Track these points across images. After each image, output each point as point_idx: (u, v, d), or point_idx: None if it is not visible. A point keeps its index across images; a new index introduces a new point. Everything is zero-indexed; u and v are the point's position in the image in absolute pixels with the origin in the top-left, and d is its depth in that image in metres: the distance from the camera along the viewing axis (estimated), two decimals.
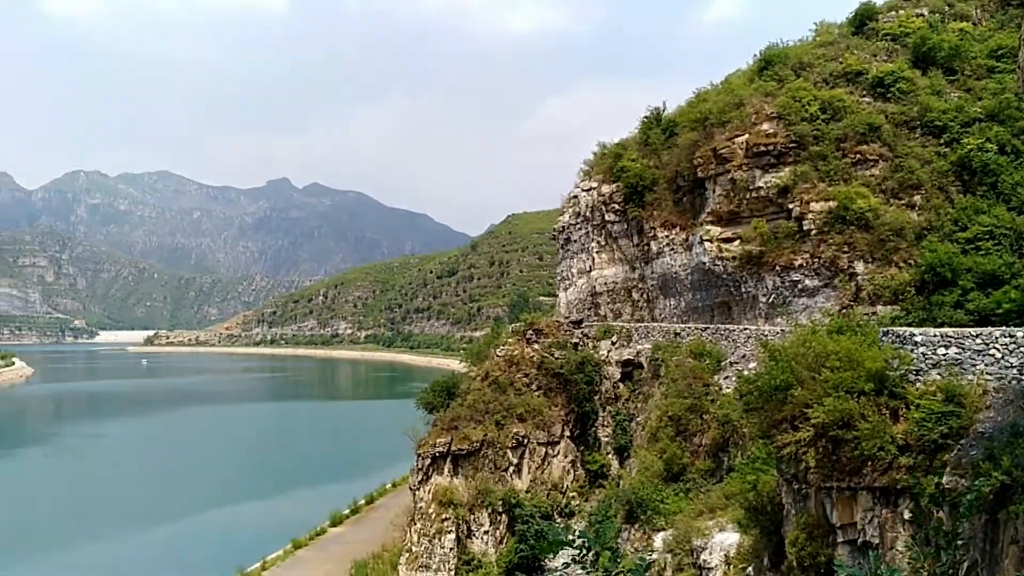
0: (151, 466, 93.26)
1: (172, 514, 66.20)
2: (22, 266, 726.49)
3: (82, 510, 70.35)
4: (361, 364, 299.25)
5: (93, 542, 58.87)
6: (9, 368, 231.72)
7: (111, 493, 77.58)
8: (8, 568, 53.14)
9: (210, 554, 54.17)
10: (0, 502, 74.35)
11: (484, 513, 36.78)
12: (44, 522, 66.87)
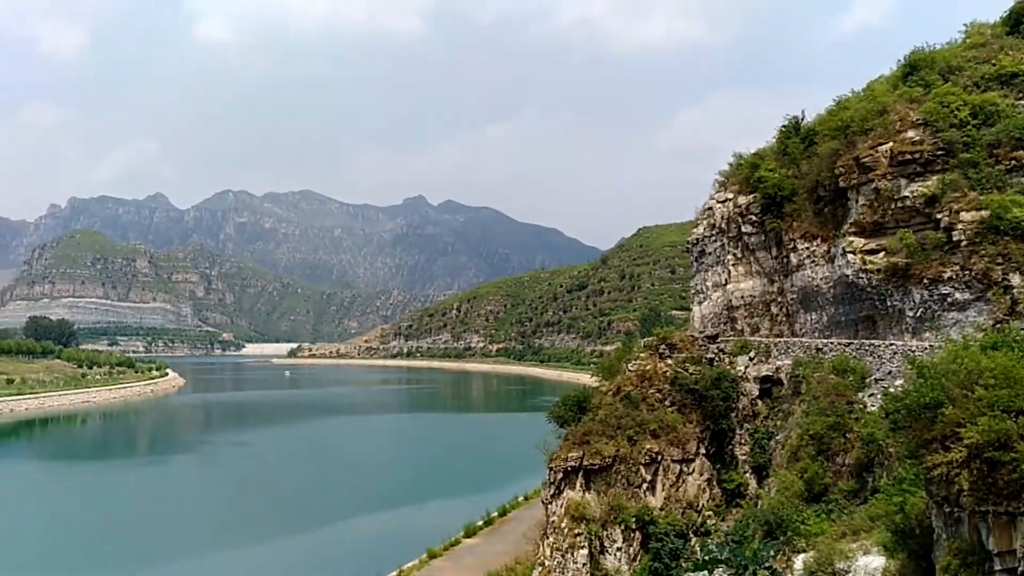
0: (292, 475, 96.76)
1: (312, 521, 68.40)
2: (175, 282, 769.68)
3: (226, 516, 73.60)
4: (492, 377, 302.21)
5: (234, 547, 61.44)
6: (163, 379, 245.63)
7: (253, 500, 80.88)
8: (157, 568, 56.18)
9: (348, 561, 55.71)
10: (153, 506, 78.80)
11: (617, 529, 36.41)
12: (190, 526, 70.39)
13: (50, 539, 65.65)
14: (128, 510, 76.50)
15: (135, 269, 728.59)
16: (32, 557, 59.41)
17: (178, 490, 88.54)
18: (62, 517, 75.07)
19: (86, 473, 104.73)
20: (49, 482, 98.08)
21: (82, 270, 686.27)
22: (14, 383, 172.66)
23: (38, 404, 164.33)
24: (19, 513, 76.99)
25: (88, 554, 60.85)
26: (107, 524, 70.66)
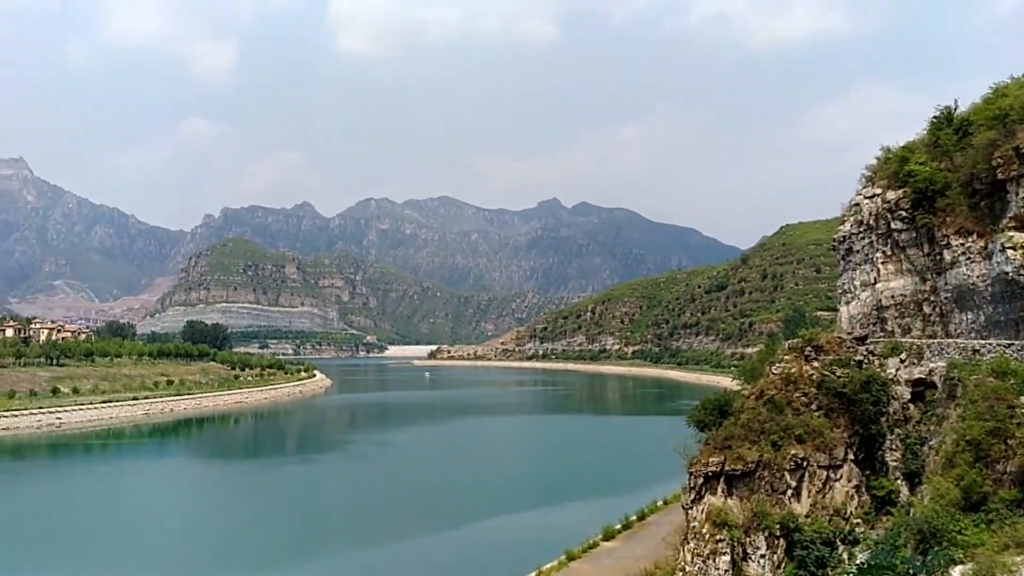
0: (432, 474, 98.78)
1: (452, 520, 69.68)
2: (322, 287, 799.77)
3: (370, 514, 75.72)
4: (628, 379, 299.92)
5: (377, 545, 63.18)
6: (311, 380, 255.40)
7: (395, 499, 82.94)
8: (305, 563, 58.45)
9: (487, 560, 56.47)
10: (302, 503, 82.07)
11: (760, 536, 35.48)
12: (336, 523, 72.87)
13: (207, 532, 69.41)
14: (278, 506, 79.91)
15: (284, 275, 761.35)
16: (191, 549, 62.96)
17: (325, 488, 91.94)
18: (218, 511, 79.26)
19: (239, 470, 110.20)
20: (205, 478, 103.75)
21: (235, 277, 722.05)
22: (173, 384, 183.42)
23: (195, 404, 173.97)
24: (178, 507, 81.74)
25: (240, 548, 63.94)
26: (259, 519, 74.03)
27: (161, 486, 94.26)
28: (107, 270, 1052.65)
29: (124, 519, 73.96)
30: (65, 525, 70.48)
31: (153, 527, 70.37)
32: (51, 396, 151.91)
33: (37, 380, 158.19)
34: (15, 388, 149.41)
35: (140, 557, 59.69)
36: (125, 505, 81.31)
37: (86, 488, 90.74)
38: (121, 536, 66.85)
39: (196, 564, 58.17)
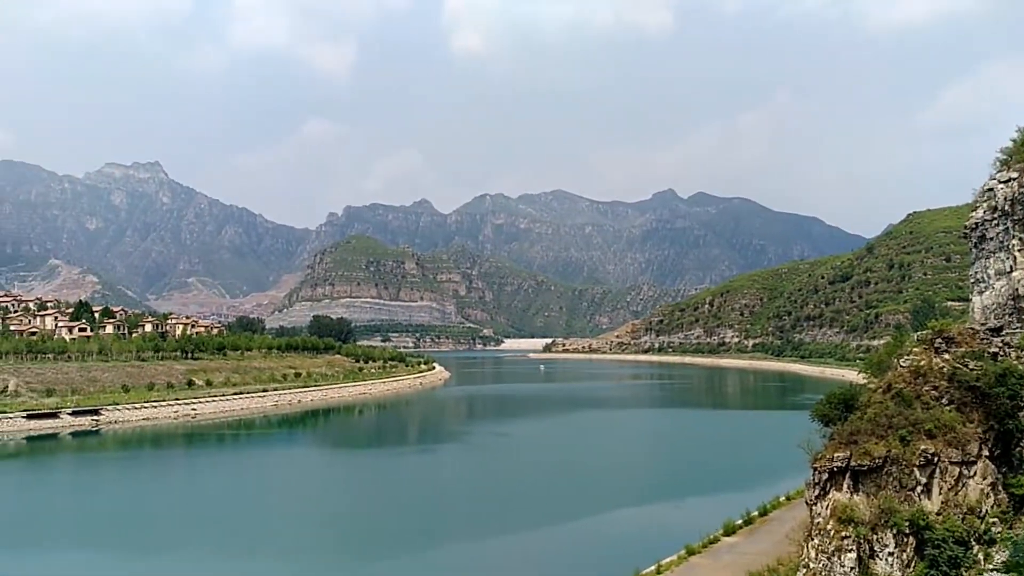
0: (549, 466, 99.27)
1: (569, 512, 69.92)
2: (440, 282, 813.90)
3: (488, 504, 76.76)
4: (748, 373, 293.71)
5: (495, 534, 63.99)
6: (431, 372, 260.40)
7: (515, 489, 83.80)
8: (427, 551, 59.81)
9: (605, 553, 56.50)
10: (424, 492, 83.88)
11: (888, 533, 34.37)
12: (455, 512, 74.14)
13: (335, 519, 71.78)
14: (401, 494, 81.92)
15: (404, 270, 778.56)
16: (320, 535, 65.28)
17: (445, 477, 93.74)
18: (344, 499, 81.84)
19: (364, 459, 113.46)
20: (332, 467, 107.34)
21: (357, 272, 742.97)
22: (300, 376, 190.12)
23: (321, 395, 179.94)
24: (307, 495, 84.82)
25: (364, 535, 65.93)
26: (382, 507, 76.13)
27: (290, 474, 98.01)
28: (237, 267, 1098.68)
29: (256, 506, 77.34)
30: (201, 511, 74.19)
31: (284, 514, 73.33)
32: (186, 388, 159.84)
33: (173, 373, 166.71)
34: (154, 380, 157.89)
35: (272, 542, 62.33)
36: (256, 492, 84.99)
37: (220, 476, 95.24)
38: (253, 522, 69.92)
39: (324, 549, 60.30)
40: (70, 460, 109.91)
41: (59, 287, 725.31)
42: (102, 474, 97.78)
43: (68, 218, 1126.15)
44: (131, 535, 65.00)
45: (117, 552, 60.03)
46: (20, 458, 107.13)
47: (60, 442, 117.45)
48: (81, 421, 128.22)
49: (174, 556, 57.72)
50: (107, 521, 71.32)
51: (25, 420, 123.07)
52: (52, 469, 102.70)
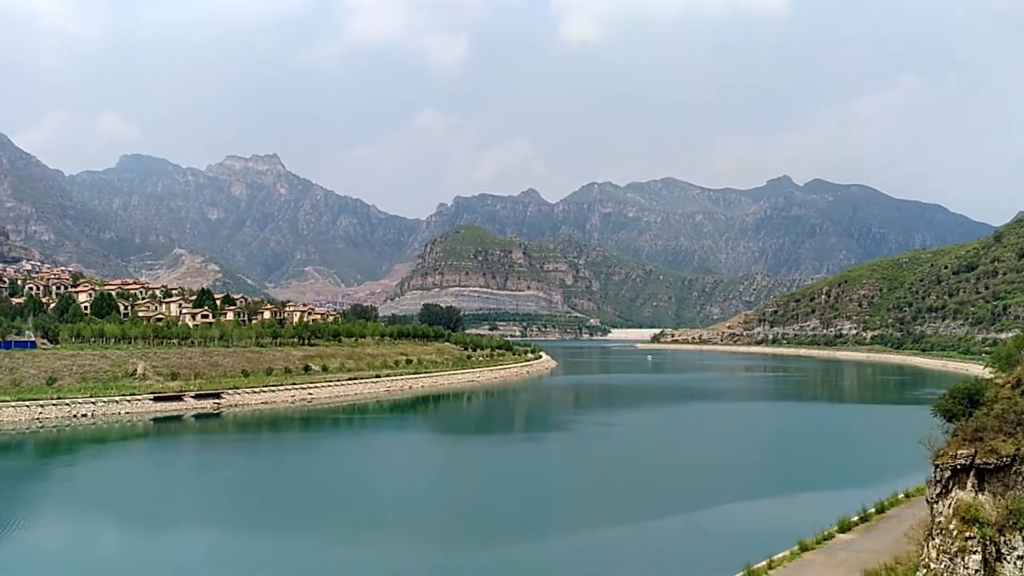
0: (657, 457, 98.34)
1: (679, 504, 69.07)
2: (547, 271, 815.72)
3: (594, 494, 76.48)
4: (867, 366, 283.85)
5: (603, 525, 63.49)
6: (537, 361, 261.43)
7: (622, 480, 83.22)
8: (536, 539, 60.03)
9: (715, 547, 55.55)
10: (529, 480, 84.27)
11: (1017, 536, 32.60)
12: (560, 502, 74.19)
13: (444, 502, 72.88)
14: (507, 481, 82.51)
15: (511, 260, 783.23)
16: (426, 520, 66.39)
17: (551, 466, 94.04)
18: (452, 483, 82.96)
19: (472, 444, 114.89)
20: (442, 451, 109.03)
21: (466, 262, 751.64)
22: (412, 363, 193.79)
23: (431, 382, 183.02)
24: (418, 478, 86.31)
25: (470, 519, 66.62)
26: (489, 493, 76.77)
27: (401, 459, 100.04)
28: (351, 257, 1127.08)
29: (367, 489, 79.25)
30: (315, 493, 76.45)
31: (394, 497, 74.83)
32: (303, 373, 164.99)
33: (291, 359, 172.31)
34: (272, 366, 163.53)
35: (381, 525, 63.71)
36: (368, 476, 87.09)
37: (334, 459, 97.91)
38: (364, 504, 71.66)
39: (432, 533, 61.31)
40: (193, 441, 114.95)
41: (183, 275, 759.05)
42: (222, 455, 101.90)
43: (191, 209, 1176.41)
44: (248, 515, 67.54)
45: (235, 531, 62.51)
46: (148, 438, 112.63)
47: (184, 424, 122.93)
48: (203, 404, 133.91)
49: (288, 536, 59.64)
50: (226, 501, 74.31)
51: (152, 402, 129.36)
52: (176, 449, 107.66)
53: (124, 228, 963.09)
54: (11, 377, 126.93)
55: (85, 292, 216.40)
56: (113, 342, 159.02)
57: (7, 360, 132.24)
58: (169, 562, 53.68)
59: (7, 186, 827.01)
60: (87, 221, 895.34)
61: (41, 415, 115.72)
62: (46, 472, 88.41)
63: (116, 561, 54.84)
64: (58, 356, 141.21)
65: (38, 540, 60.65)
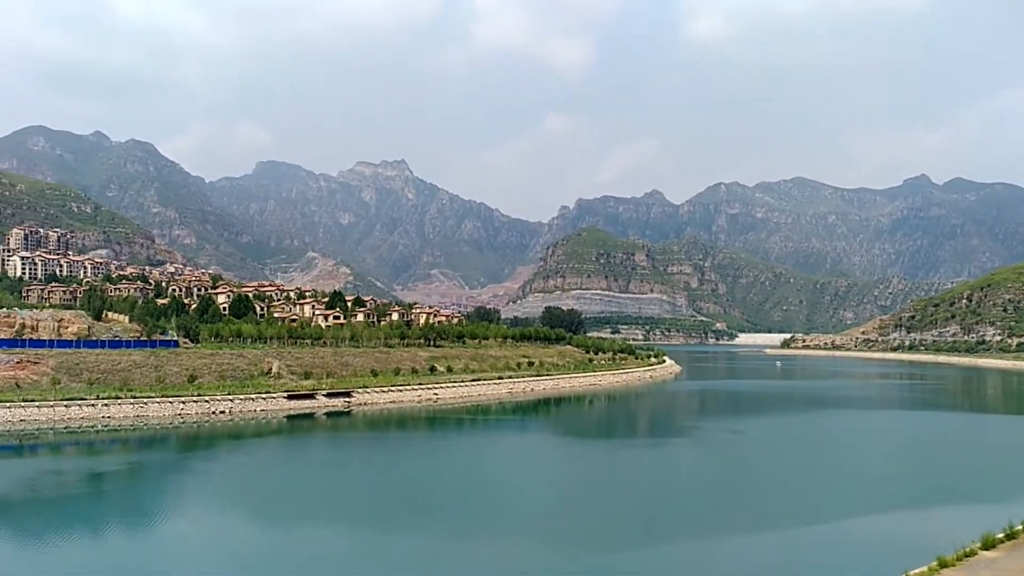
0: (787, 466, 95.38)
1: (808, 515, 66.76)
2: (671, 273, 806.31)
3: (720, 502, 74.66)
4: (1012, 374, 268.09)
5: (729, 534, 61.87)
6: (661, 365, 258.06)
7: (748, 489, 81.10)
8: (657, 545, 59.17)
9: (846, 561, 53.54)
10: (651, 486, 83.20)
11: None
12: (685, 508, 72.74)
13: (564, 507, 72.80)
14: (630, 487, 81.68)
15: (634, 262, 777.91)
16: (548, 522, 66.42)
17: (675, 472, 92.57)
18: (573, 486, 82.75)
19: (593, 448, 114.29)
20: (564, 454, 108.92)
21: (588, 264, 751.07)
22: (533, 365, 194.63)
23: (553, 384, 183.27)
24: (539, 480, 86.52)
25: (593, 525, 66.20)
26: (609, 498, 76.15)
27: (524, 459, 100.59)
28: (475, 260, 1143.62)
29: (493, 488, 79.92)
30: (443, 490, 77.58)
31: (515, 498, 75.24)
32: (429, 374, 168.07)
33: (417, 359, 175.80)
34: (399, 366, 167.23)
35: (502, 525, 64.16)
36: (493, 475, 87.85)
37: (460, 458, 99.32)
38: (487, 504, 72.27)
39: (553, 536, 61.32)
40: (324, 438, 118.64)
41: (316, 278, 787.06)
42: (353, 453, 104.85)
43: (324, 213, 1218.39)
44: (376, 512, 69.12)
45: (363, 527, 64.10)
46: (282, 435, 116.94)
47: (316, 421, 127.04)
48: (334, 402, 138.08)
49: (414, 533, 60.80)
50: (356, 498, 76.34)
51: (286, 400, 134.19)
52: (309, 446, 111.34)
53: (260, 232, 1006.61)
54: (156, 374, 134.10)
55: (224, 294, 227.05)
56: (249, 342, 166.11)
57: (152, 358, 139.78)
58: (300, 556, 55.57)
59: (153, 192, 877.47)
60: (226, 225, 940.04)
61: (183, 411, 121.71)
62: (187, 466, 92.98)
63: (250, 554, 57.08)
64: (199, 355, 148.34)
65: (180, 531, 63.83)
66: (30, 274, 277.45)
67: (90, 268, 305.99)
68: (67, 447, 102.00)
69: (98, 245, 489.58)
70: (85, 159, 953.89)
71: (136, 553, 56.31)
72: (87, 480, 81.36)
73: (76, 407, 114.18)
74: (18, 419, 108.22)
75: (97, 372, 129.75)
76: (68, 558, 54.56)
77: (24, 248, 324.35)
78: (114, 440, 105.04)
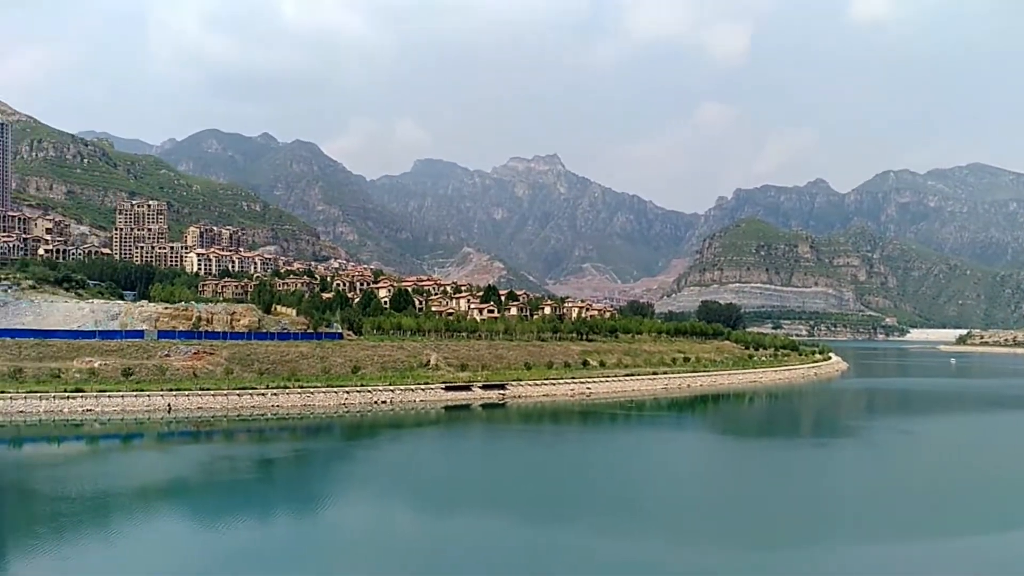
0: (959, 470, 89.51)
1: (980, 524, 62.32)
2: (837, 266, 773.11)
3: (890, 505, 70.39)
4: None
5: (893, 540, 58.39)
6: (826, 362, 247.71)
7: (922, 493, 76.42)
8: (822, 547, 56.31)
9: None
10: (813, 488, 79.53)
11: None
12: (849, 510, 68.85)
13: (722, 504, 70.54)
14: (793, 488, 78.57)
15: (797, 254, 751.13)
16: (703, 520, 64.46)
17: (841, 473, 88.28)
18: (732, 488, 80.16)
19: (752, 448, 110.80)
20: (721, 453, 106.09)
21: (747, 257, 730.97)
22: (689, 361, 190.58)
23: (710, 381, 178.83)
24: (695, 480, 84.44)
25: (755, 526, 63.79)
26: (769, 498, 73.32)
27: (680, 457, 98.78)
28: (628, 253, 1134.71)
29: (646, 485, 78.63)
30: (596, 485, 76.88)
31: (668, 497, 73.66)
32: (581, 368, 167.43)
33: (570, 353, 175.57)
34: (552, 359, 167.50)
35: (651, 523, 62.76)
36: (647, 472, 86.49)
37: (613, 453, 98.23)
38: (640, 499, 71.03)
39: (710, 536, 59.45)
40: (480, 429, 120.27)
41: (471, 272, 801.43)
42: (507, 444, 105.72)
43: (478, 209, 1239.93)
44: (529, 503, 69.17)
45: (516, 518, 64.17)
46: (439, 425, 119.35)
47: (472, 412, 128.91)
48: (489, 394, 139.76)
49: (565, 526, 60.37)
50: (510, 489, 76.69)
51: (444, 391, 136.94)
52: (466, 437, 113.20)
53: (418, 228, 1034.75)
54: (321, 365, 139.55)
55: (384, 288, 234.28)
56: (409, 334, 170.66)
57: (318, 350, 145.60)
58: (457, 546, 56.33)
59: (318, 191, 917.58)
60: (386, 222, 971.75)
61: (347, 400, 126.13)
62: (351, 454, 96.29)
63: (409, 541, 58.41)
64: (361, 346, 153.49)
65: (343, 517, 65.99)
66: (205, 269, 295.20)
67: (259, 263, 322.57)
68: (239, 434, 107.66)
69: (267, 242, 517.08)
70: (254, 160, 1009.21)
71: (302, 537, 58.54)
72: (258, 466, 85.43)
73: (247, 396, 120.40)
74: (195, 407, 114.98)
75: (267, 363, 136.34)
76: (240, 539, 57.26)
77: (200, 245, 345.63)
78: (282, 428, 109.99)
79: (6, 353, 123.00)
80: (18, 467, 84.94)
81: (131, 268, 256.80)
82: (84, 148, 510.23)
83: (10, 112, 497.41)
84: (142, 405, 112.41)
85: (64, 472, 79.45)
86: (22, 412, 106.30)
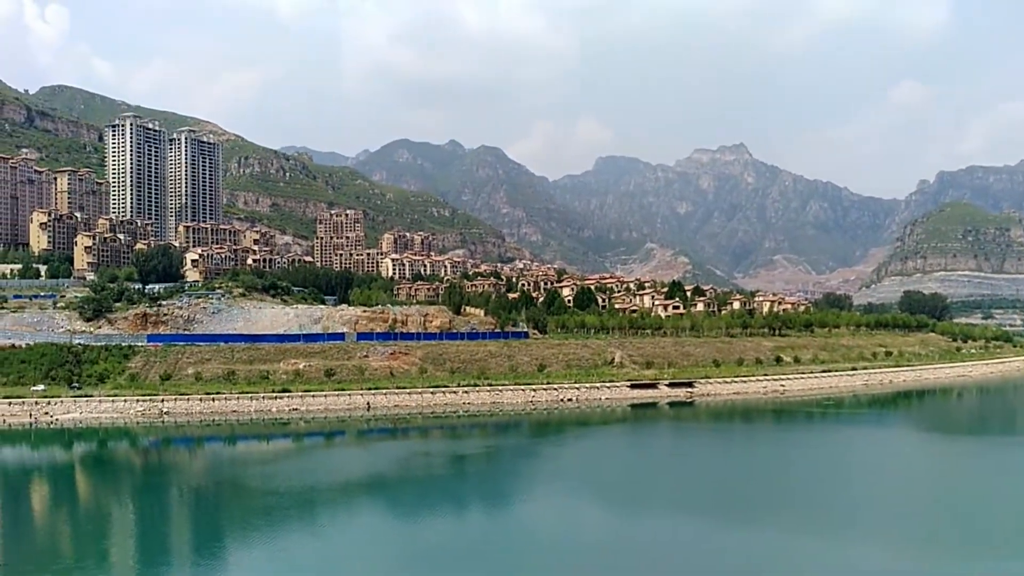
0: None
1: None
2: None
3: None
4: None
5: None
6: None
7: None
8: None
9: None
10: None
11: None
12: None
13: (928, 507, 66.34)
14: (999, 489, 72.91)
15: (1009, 239, 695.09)
16: (909, 524, 60.83)
17: None
18: (938, 486, 75.22)
19: (962, 446, 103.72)
20: (928, 452, 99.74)
21: (952, 243, 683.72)
22: (891, 355, 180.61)
23: (914, 376, 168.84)
24: (898, 479, 79.85)
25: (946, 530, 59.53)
26: (982, 503, 68.25)
27: (881, 456, 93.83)
28: (822, 243, 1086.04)
29: (844, 485, 75.09)
30: (790, 485, 74.32)
31: (870, 497, 70.04)
32: (774, 364, 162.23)
33: (761, 349, 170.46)
34: (742, 356, 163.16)
35: (856, 524, 59.76)
36: (845, 471, 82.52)
37: (809, 452, 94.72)
38: (839, 502, 67.89)
39: (913, 538, 56.08)
40: (668, 428, 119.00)
41: (654, 268, 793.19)
42: (697, 443, 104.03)
43: (661, 204, 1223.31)
44: (719, 504, 67.68)
45: (705, 519, 62.88)
46: (625, 423, 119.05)
47: (659, 410, 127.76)
48: (676, 392, 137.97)
49: (757, 527, 58.66)
50: (700, 489, 75.33)
51: (629, 389, 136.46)
52: (653, 435, 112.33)
53: (600, 226, 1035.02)
54: (508, 363, 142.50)
55: (568, 287, 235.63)
56: (592, 332, 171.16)
57: (505, 348, 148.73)
58: (643, 544, 55.88)
59: (503, 194, 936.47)
60: (568, 222, 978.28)
61: (534, 398, 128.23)
62: (539, 451, 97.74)
63: (596, 538, 58.52)
64: (546, 345, 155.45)
65: (532, 513, 67.05)
66: (399, 274, 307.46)
67: (449, 266, 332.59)
68: (433, 430, 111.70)
69: (455, 245, 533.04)
70: (442, 167, 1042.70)
71: (493, 532, 59.96)
72: (451, 462, 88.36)
73: (440, 394, 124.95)
74: (392, 405, 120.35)
75: (457, 362, 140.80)
76: (435, 534, 59.24)
77: (394, 251, 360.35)
78: (473, 425, 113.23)
79: (221, 356, 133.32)
80: (233, 463, 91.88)
81: (331, 274, 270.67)
82: (286, 163, 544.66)
83: (220, 132, 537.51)
84: (343, 404, 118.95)
85: (273, 468, 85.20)
86: (235, 412, 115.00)
